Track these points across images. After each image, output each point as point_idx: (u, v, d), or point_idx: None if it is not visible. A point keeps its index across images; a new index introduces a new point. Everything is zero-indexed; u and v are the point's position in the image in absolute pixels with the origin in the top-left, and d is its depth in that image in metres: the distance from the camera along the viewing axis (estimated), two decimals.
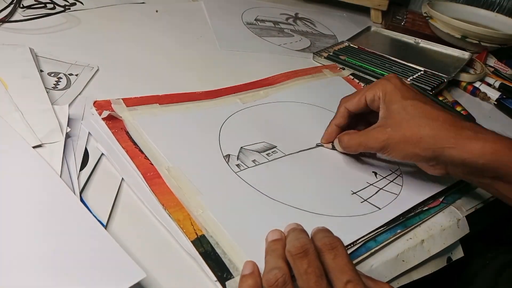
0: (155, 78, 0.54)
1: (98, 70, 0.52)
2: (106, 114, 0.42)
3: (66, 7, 0.64)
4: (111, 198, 0.36)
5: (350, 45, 0.73)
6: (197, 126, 0.45)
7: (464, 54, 0.75)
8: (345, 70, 0.65)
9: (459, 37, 0.78)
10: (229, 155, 0.42)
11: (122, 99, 0.45)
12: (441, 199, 0.44)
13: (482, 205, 0.46)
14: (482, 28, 0.76)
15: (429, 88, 0.62)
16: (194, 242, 0.32)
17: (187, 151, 0.41)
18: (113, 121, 0.42)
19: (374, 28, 0.84)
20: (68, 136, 0.40)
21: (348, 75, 0.64)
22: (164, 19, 0.70)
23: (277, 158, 0.43)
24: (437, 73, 0.66)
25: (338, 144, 0.45)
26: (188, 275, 0.32)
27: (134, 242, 0.33)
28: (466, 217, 0.43)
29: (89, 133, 0.41)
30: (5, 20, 0.57)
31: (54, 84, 0.47)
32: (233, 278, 0.31)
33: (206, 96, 0.50)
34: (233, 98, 0.51)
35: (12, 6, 0.60)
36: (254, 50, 0.67)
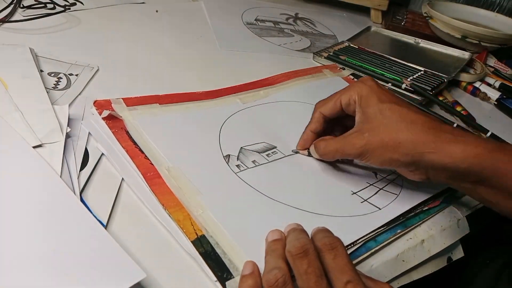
0: (155, 78, 0.54)
1: (98, 70, 0.52)
2: (106, 113, 0.42)
3: (66, 7, 0.64)
4: (111, 198, 0.36)
5: (350, 45, 0.73)
6: (197, 126, 0.45)
7: (464, 54, 0.75)
8: (345, 70, 0.65)
9: (459, 37, 0.78)
10: (229, 155, 0.42)
11: (122, 99, 0.45)
12: (441, 199, 0.44)
13: (482, 205, 0.46)
14: (482, 28, 0.76)
15: (429, 88, 0.62)
16: (194, 242, 0.32)
17: (187, 151, 0.41)
18: (113, 120, 0.42)
19: (374, 28, 0.84)
20: (68, 136, 0.40)
21: (348, 75, 0.64)
22: (164, 19, 0.70)
23: (277, 159, 0.43)
24: (437, 73, 0.66)
25: (314, 150, 0.43)
26: (188, 275, 0.32)
27: (134, 242, 0.33)
28: (466, 217, 0.43)
29: (89, 133, 0.41)
30: (5, 20, 0.57)
31: (54, 84, 0.47)
32: (233, 278, 0.31)
33: (206, 96, 0.50)
34: (233, 98, 0.51)
35: (12, 6, 0.60)
36: (254, 50, 0.67)
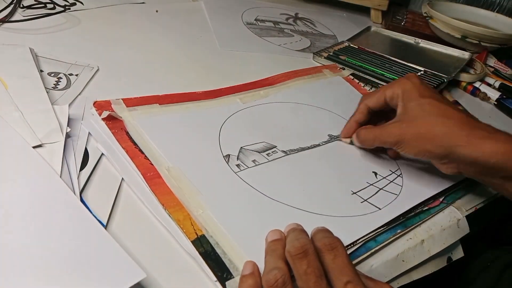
0: (155, 78, 0.54)
1: (98, 70, 0.52)
2: (106, 114, 0.42)
3: (66, 7, 0.64)
4: (111, 198, 0.36)
5: (350, 45, 0.73)
6: (197, 126, 0.45)
7: (464, 54, 0.75)
8: (345, 70, 0.65)
9: (459, 37, 0.78)
10: (229, 155, 0.42)
11: (122, 99, 0.45)
12: (441, 199, 0.43)
13: (482, 205, 0.46)
14: (482, 28, 0.76)
15: None
16: (194, 242, 0.32)
17: (187, 151, 0.41)
18: (113, 121, 0.42)
19: (374, 28, 0.84)
20: (68, 136, 0.40)
21: (348, 75, 0.64)
22: (164, 19, 0.70)
23: (277, 158, 0.43)
24: (437, 73, 0.66)
25: (354, 140, 0.47)
26: (188, 275, 0.32)
27: (134, 242, 0.33)
28: (466, 217, 0.43)
29: (89, 133, 0.41)
30: (5, 20, 0.57)
31: (54, 84, 0.47)
32: (233, 278, 0.31)
33: (206, 96, 0.50)
34: (233, 98, 0.51)
35: (12, 6, 0.60)
36: (254, 50, 0.67)
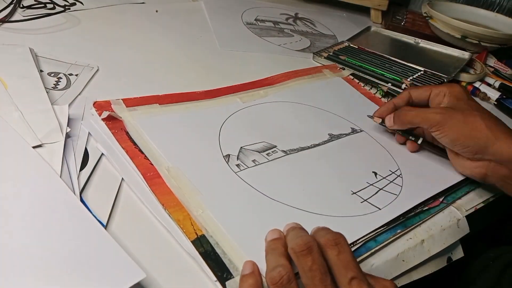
0: (155, 78, 0.54)
1: (98, 70, 0.52)
2: (106, 114, 0.42)
3: (66, 7, 0.64)
4: (111, 198, 0.36)
5: (350, 45, 0.73)
6: (197, 126, 0.45)
7: (464, 54, 0.75)
8: (345, 70, 0.65)
9: (459, 37, 0.78)
10: (229, 155, 0.42)
11: (122, 100, 0.45)
12: (441, 199, 0.43)
13: (482, 205, 0.46)
14: (482, 28, 0.76)
15: None
16: (194, 242, 0.32)
17: (187, 151, 0.41)
18: (113, 121, 0.42)
19: (374, 28, 0.84)
20: (68, 136, 0.40)
21: (348, 75, 0.64)
22: (164, 19, 0.70)
23: (277, 158, 0.43)
24: (437, 73, 0.66)
25: (388, 118, 0.49)
26: (188, 275, 0.32)
27: (134, 242, 0.33)
28: (466, 217, 0.43)
29: (89, 133, 0.41)
30: (5, 20, 0.57)
31: (54, 84, 0.47)
32: (233, 278, 0.31)
33: (206, 96, 0.50)
34: (233, 97, 0.51)
35: (12, 6, 0.60)
36: (254, 50, 0.67)
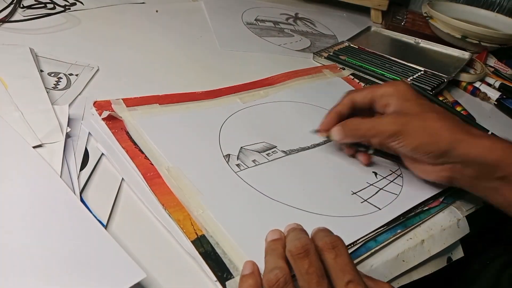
0: (155, 78, 0.54)
1: (98, 70, 0.52)
2: (106, 114, 0.42)
3: (66, 7, 0.64)
4: (111, 198, 0.36)
5: (350, 45, 0.73)
6: (197, 126, 0.45)
7: (464, 54, 0.75)
8: (345, 70, 0.65)
9: (459, 37, 0.78)
10: (229, 155, 0.42)
11: (122, 99, 0.45)
12: (441, 199, 0.43)
13: (482, 205, 0.45)
14: (482, 28, 0.76)
15: (429, 88, 0.62)
16: (194, 242, 0.32)
17: (187, 151, 0.41)
18: (113, 121, 0.42)
19: (374, 28, 0.84)
20: (68, 136, 0.40)
21: (348, 75, 0.64)
22: (164, 19, 0.70)
23: (277, 158, 0.43)
24: (437, 73, 0.66)
25: (336, 132, 0.42)
26: (188, 275, 0.32)
27: (134, 242, 0.33)
28: (466, 217, 0.43)
29: (89, 133, 0.41)
30: (5, 20, 0.57)
31: (54, 84, 0.47)
32: (233, 278, 0.31)
33: (206, 96, 0.50)
34: (233, 98, 0.51)
35: (12, 6, 0.60)
36: (254, 50, 0.67)
